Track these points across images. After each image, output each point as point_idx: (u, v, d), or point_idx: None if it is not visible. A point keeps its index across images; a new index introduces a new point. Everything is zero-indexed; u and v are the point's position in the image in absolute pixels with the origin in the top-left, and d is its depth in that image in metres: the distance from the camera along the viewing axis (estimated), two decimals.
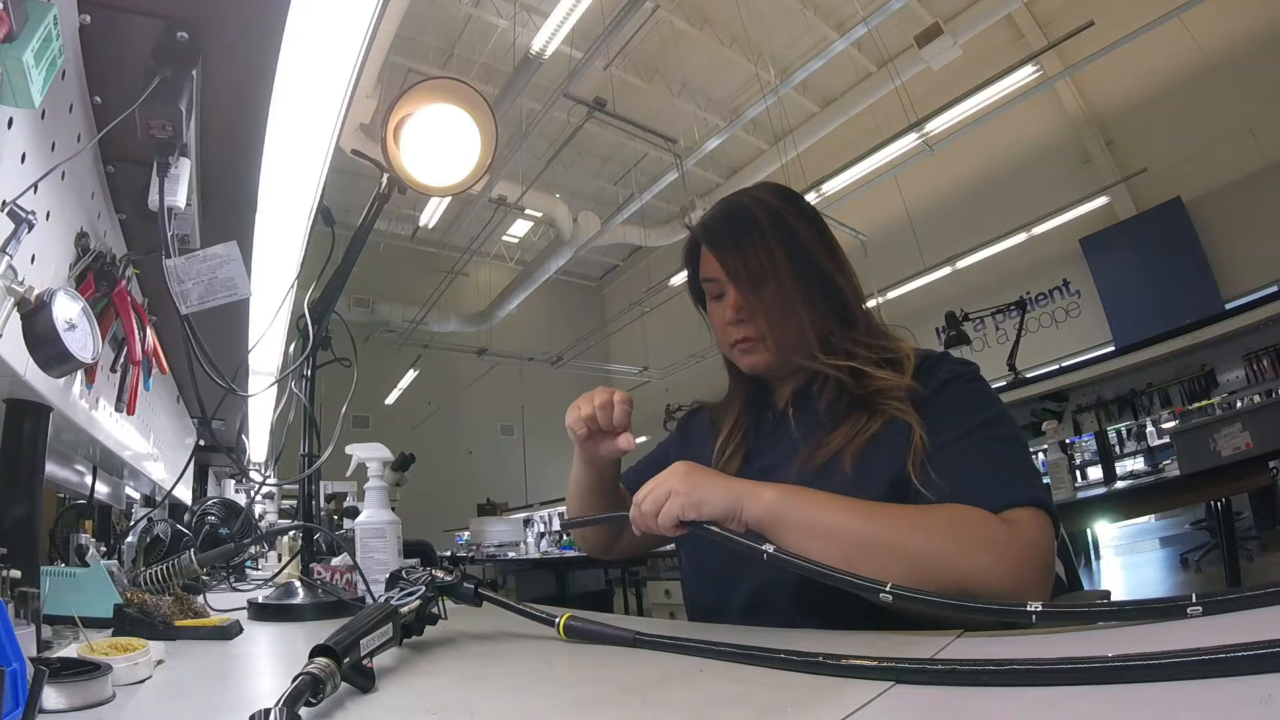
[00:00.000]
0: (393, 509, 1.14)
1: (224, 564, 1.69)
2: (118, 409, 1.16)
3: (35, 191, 0.70)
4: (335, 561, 1.13)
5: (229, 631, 0.81)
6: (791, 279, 0.83)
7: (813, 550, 0.63)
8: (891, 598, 0.54)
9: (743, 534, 0.67)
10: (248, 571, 1.92)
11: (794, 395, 0.89)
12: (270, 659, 0.76)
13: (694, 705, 0.43)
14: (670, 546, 1.14)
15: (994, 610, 0.50)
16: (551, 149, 8.19)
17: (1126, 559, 5.71)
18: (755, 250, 0.84)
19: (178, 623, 0.82)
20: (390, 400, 10.69)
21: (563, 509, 7.14)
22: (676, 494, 0.69)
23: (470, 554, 6.50)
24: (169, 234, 0.86)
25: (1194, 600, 0.43)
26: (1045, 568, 0.65)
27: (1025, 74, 5.51)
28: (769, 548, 0.62)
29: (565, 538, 6.08)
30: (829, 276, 0.86)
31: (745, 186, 0.95)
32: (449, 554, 6.50)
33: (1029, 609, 0.48)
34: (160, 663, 0.62)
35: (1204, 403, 3.25)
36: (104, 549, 1.36)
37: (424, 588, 0.65)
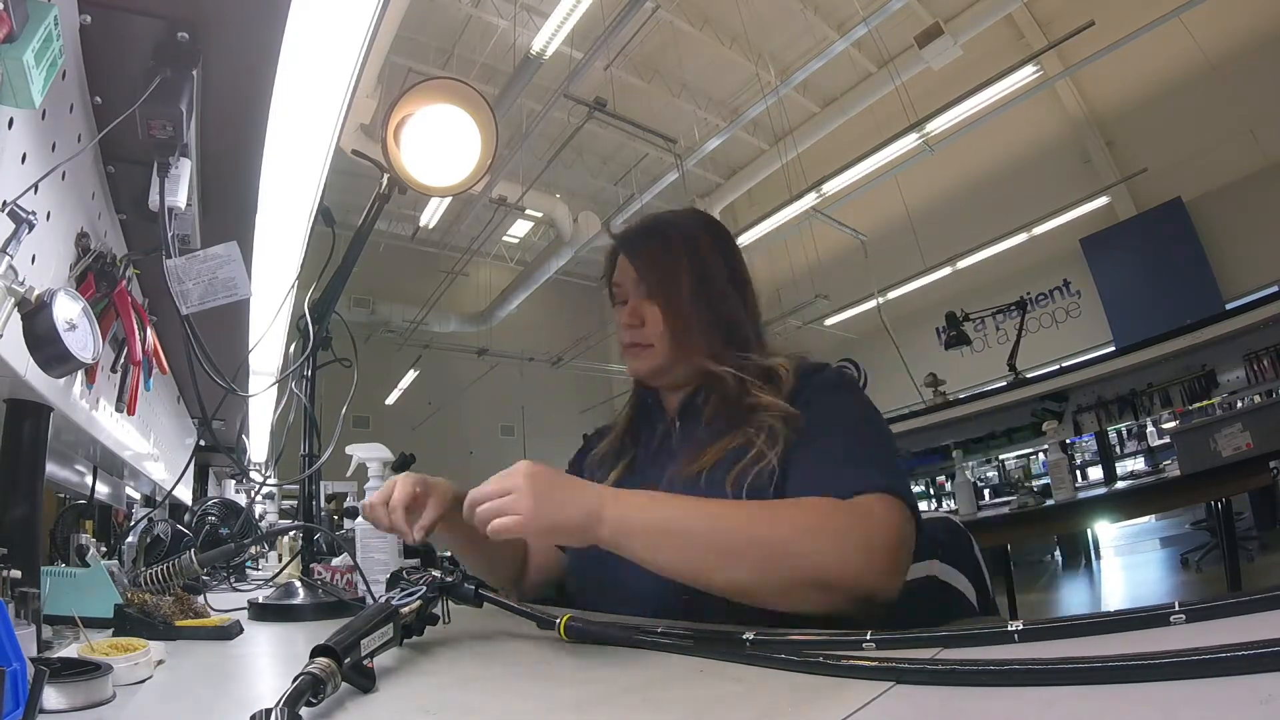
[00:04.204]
0: None
1: (224, 564, 1.69)
2: (118, 409, 1.16)
3: (36, 192, 0.70)
4: (335, 562, 1.13)
5: (229, 632, 0.81)
6: (689, 296, 0.87)
7: (666, 560, 0.63)
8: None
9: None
10: (248, 572, 1.92)
11: (681, 408, 0.91)
12: (270, 659, 0.76)
13: (694, 705, 0.43)
14: None
15: (974, 635, 0.50)
16: (551, 149, 8.18)
17: (1127, 559, 5.71)
18: (660, 263, 0.89)
19: (178, 623, 0.82)
20: (390, 400, 10.68)
21: None
22: (518, 513, 0.62)
23: None
24: (169, 234, 0.86)
25: (1177, 608, 0.43)
26: (894, 550, 0.65)
27: (1025, 74, 5.49)
28: (749, 636, 0.54)
29: None
30: (726, 302, 0.89)
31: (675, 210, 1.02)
32: (449, 554, 6.50)
33: (1010, 629, 0.48)
34: (160, 663, 0.62)
35: (1204, 403, 3.25)
36: (104, 549, 1.36)
37: (425, 588, 0.65)
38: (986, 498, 4.30)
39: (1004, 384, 3.96)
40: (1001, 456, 4.97)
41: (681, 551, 0.63)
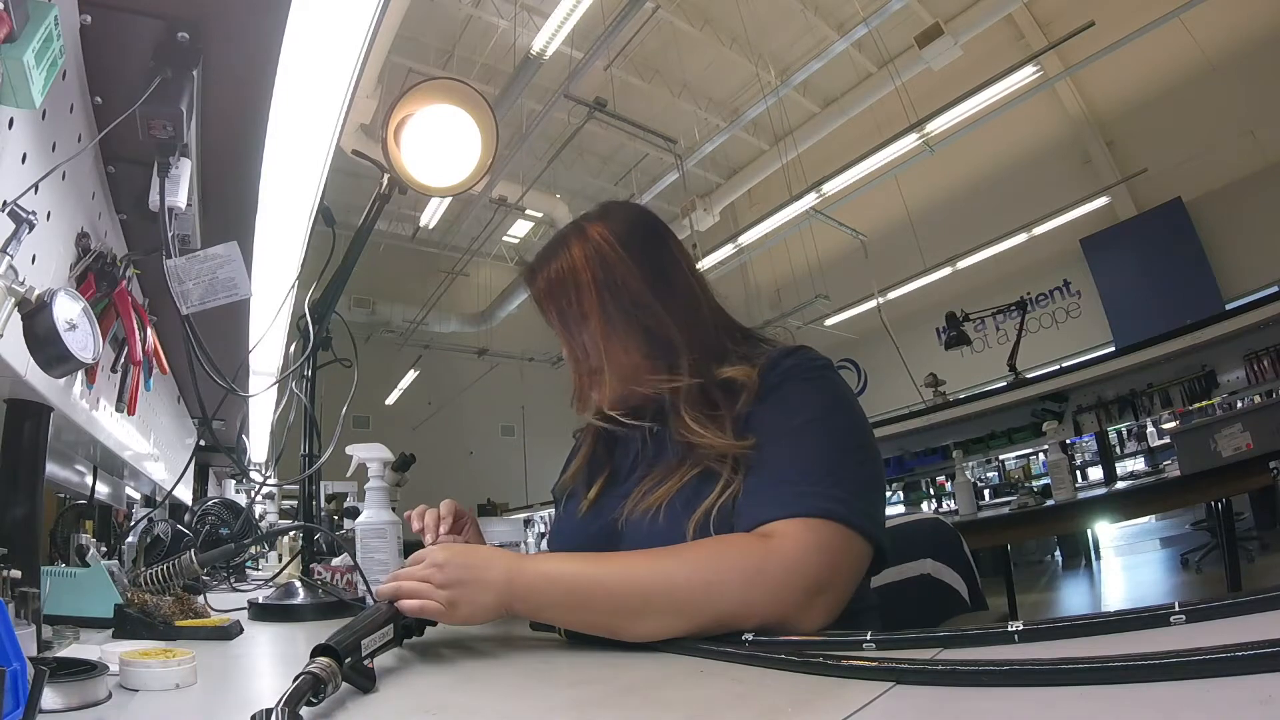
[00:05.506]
0: (393, 509, 1.14)
1: (224, 564, 1.69)
2: (118, 409, 1.16)
3: (36, 192, 0.70)
4: (335, 562, 1.13)
5: (229, 632, 0.81)
6: (602, 318, 0.80)
7: (579, 620, 0.63)
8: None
9: None
10: (248, 572, 1.92)
11: (654, 418, 0.84)
12: (271, 659, 0.76)
13: (694, 705, 0.43)
14: None
15: (974, 636, 0.50)
16: (552, 149, 8.18)
17: (1127, 559, 5.71)
18: (567, 295, 0.82)
19: (178, 623, 0.82)
20: (391, 400, 10.68)
21: None
22: (438, 604, 0.62)
23: None
24: (169, 234, 0.86)
25: (1177, 608, 0.43)
26: (810, 586, 0.60)
27: (1025, 74, 5.49)
28: (749, 637, 0.57)
29: None
30: (645, 310, 0.80)
31: (588, 211, 0.90)
32: None
33: (1010, 629, 0.48)
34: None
35: (1204, 403, 3.25)
36: (104, 549, 1.36)
37: None
38: (986, 498, 4.31)
39: (1004, 384, 3.96)
40: (1001, 457, 4.98)
41: (592, 612, 0.62)
